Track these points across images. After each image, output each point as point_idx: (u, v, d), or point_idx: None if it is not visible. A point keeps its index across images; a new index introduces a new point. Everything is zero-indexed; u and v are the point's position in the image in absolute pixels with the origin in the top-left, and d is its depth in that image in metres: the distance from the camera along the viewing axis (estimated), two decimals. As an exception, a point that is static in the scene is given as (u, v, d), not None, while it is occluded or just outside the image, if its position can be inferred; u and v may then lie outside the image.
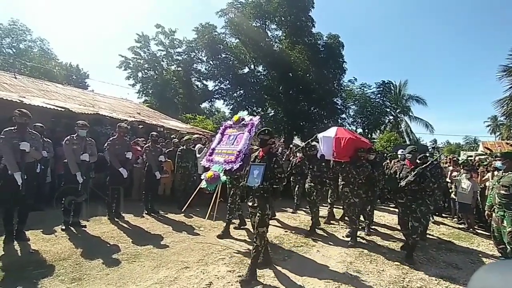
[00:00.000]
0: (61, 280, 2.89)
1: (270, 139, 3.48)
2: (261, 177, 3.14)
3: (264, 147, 3.45)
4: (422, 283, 3.43)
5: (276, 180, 3.23)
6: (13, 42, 29.80)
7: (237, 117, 4.88)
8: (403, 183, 4.08)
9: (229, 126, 5.07)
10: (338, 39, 20.64)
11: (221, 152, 4.69)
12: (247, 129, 4.44)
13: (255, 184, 3.17)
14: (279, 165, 3.32)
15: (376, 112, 20.21)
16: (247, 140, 4.30)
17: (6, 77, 10.46)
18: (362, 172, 4.70)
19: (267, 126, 20.18)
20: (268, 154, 3.40)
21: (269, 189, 3.21)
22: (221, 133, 5.11)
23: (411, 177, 4.00)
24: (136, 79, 24.18)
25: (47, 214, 4.86)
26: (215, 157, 4.67)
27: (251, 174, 3.28)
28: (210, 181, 4.24)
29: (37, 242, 3.87)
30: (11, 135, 3.78)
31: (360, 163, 4.76)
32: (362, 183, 4.77)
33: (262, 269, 3.35)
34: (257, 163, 3.35)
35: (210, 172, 4.28)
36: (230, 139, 4.76)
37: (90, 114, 7.66)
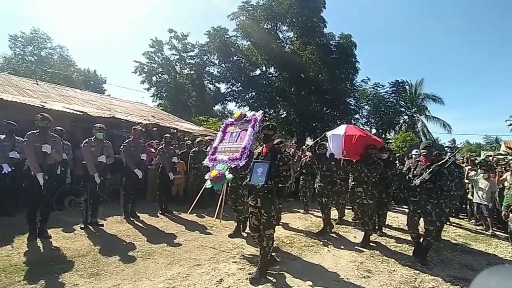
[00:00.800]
0: (80, 275, 3.04)
1: (274, 134, 3.33)
2: (266, 175, 2.99)
3: (268, 143, 3.31)
4: (435, 284, 3.39)
5: (281, 179, 3.09)
6: (35, 50, 31.15)
7: (239, 114, 4.77)
8: (417, 181, 3.84)
9: (230, 124, 4.95)
10: (350, 39, 20.47)
11: (225, 150, 4.56)
12: (250, 125, 4.29)
13: (259, 183, 3.01)
14: (285, 162, 3.16)
15: (390, 112, 19.85)
16: (252, 136, 4.16)
17: (29, 84, 10.99)
18: (374, 169, 4.47)
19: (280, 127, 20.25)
20: (272, 151, 3.26)
21: (274, 189, 3.07)
22: (222, 131, 4.99)
23: (426, 175, 3.75)
24: (150, 83, 24.76)
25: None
26: (219, 156, 4.53)
27: (254, 172, 3.13)
28: (215, 180, 4.09)
29: (58, 239, 4.07)
30: (34, 138, 4.00)
31: (372, 160, 4.56)
32: (376, 182, 4.58)
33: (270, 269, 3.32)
34: (261, 161, 3.21)
35: (215, 171, 4.14)
36: (233, 137, 4.63)
37: (107, 117, 7.94)
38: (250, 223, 3.32)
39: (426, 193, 3.82)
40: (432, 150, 4.10)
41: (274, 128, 3.36)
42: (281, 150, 3.47)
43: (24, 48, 30.68)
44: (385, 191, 5.18)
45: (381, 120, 20.06)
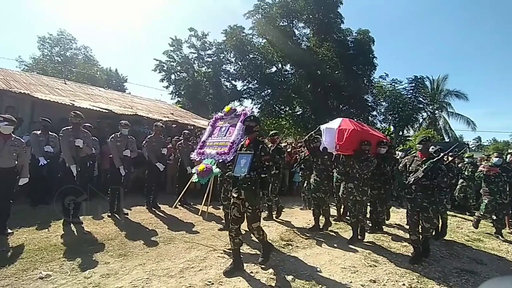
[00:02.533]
0: (110, 255, 3.41)
1: (256, 125, 3.33)
2: (248, 166, 2.98)
3: (250, 134, 3.32)
4: (440, 274, 3.49)
5: (264, 169, 3.11)
6: (61, 50, 32.70)
7: (229, 108, 4.72)
8: (411, 178, 3.67)
9: (220, 118, 4.91)
10: (368, 34, 20.19)
11: (213, 144, 4.54)
12: (240, 120, 4.23)
13: (241, 173, 3.00)
14: (266, 152, 3.17)
15: (408, 109, 19.44)
16: (240, 131, 4.11)
17: (58, 83, 11.72)
18: (366, 166, 4.33)
19: (295, 124, 20.41)
20: (254, 142, 3.25)
21: (257, 180, 3.06)
22: (211, 125, 4.97)
23: (420, 173, 3.57)
24: (169, 81, 25.43)
25: (94, 203, 5.52)
26: (207, 150, 4.52)
27: (237, 164, 3.13)
28: (202, 175, 4.05)
29: (89, 225, 4.50)
30: (68, 133, 4.43)
31: (365, 157, 4.40)
32: (368, 178, 4.46)
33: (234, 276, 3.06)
34: (244, 152, 3.22)
35: (202, 165, 4.11)
36: (222, 131, 4.60)
37: (130, 115, 8.41)
38: (231, 214, 3.24)
39: (422, 190, 3.66)
40: (429, 145, 3.91)
41: (256, 120, 3.40)
42: (263, 141, 3.47)
43: (51, 49, 32.26)
44: (384, 186, 5.02)
45: (399, 117, 19.69)
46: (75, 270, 3.00)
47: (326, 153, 4.75)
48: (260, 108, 21.75)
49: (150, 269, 3.08)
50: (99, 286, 2.69)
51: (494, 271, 3.75)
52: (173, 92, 25.46)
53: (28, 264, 3.04)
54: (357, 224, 4.52)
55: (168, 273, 3.02)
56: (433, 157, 3.70)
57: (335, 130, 4.57)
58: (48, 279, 2.77)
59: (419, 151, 3.91)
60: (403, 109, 19.43)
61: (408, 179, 3.70)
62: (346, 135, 4.42)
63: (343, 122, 4.71)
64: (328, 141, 4.62)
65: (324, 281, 3.06)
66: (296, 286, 2.89)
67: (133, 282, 2.78)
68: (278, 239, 4.35)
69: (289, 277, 3.05)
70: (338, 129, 4.55)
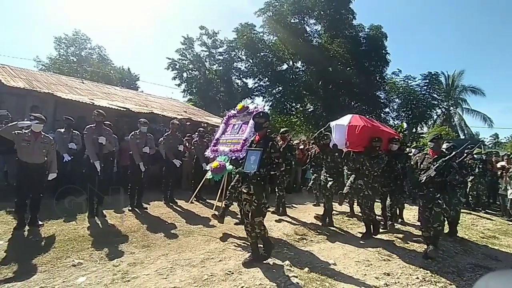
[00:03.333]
0: (134, 246, 3.62)
1: (266, 122, 3.32)
2: (258, 163, 3.03)
3: (260, 130, 3.33)
4: (455, 269, 3.55)
5: (273, 166, 3.12)
6: (76, 50, 33.51)
7: (241, 106, 4.78)
8: (423, 177, 3.67)
9: (232, 116, 4.95)
10: (381, 30, 19.87)
11: (226, 141, 4.61)
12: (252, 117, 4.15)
13: (251, 170, 3.06)
14: (276, 149, 3.17)
15: (422, 105, 19.10)
16: (253, 128, 4.08)
17: (76, 82, 12.12)
18: (376, 164, 4.30)
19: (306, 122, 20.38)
20: (264, 138, 3.26)
21: (266, 176, 3.11)
22: (224, 123, 5.03)
23: (432, 171, 3.58)
24: (181, 79, 25.76)
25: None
26: (220, 147, 4.58)
27: (247, 160, 3.18)
28: (216, 171, 4.12)
29: (111, 218, 4.73)
30: (92, 131, 4.66)
31: (375, 154, 4.37)
32: (377, 176, 4.42)
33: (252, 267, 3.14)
34: (254, 148, 3.24)
35: (216, 162, 4.19)
36: (234, 129, 4.66)
37: (146, 113, 8.66)
38: (244, 209, 3.33)
39: (435, 187, 3.65)
40: (441, 143, 3.87)
41: (265, 116, 3.39)
42: (273, 138, 3.46)
43: (67, 49, 33.09)
44: (394, 184, 4.96)
45: (412, 114, 19.39)
46: (103, 259, 3.20)
47: (336, 150, 4.76)
48: (271, 106, 21.78)
49: (172, 259, 3.26)
50: (127, 273, 2.88)
51: (509, 267, 3.78)
52: (185, 90, 25.76)
53: (61, 253, 3.27)
54: (369, 221, 4.52)
55: (190, 263, 3.19)
56: (445, 155, 3.70)
57: (345, 127, 4.52)
58: (80, 267, 2.98)
59: (430, 149, 3.88)
60: (417, 105, 19.12)
61: (420, 178, 3.70)
62: (356, 132, 4.39)
63: (353, 118, 4.66)
64: (338, 137, 4.60)
65: (339, 273, 3.17)
66: (312, 277, 3.01)
67: (158, 270, 2.97)
68: (293, 234, 4.48)
69: (305, 269, 3.17)
70: (348, 125, 4.50)
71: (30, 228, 3.99)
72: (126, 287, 2.63)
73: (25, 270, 2.85)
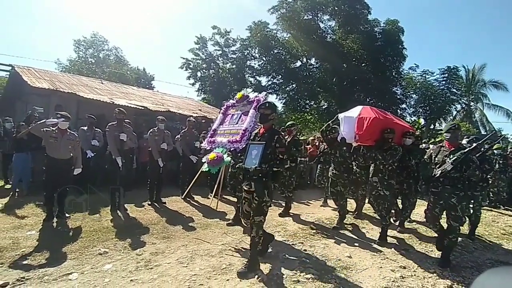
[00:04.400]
0: (155, 237, 3.78)
1: (272, 113, 3.07)
2: (260, 157, 2.78)
3: (265, 123, 3.07)
4: (473, 264, 3.52)
5: (277, 162, 2.89)
6: (94, 52, 34.59)
7: (241, 95, 4.48)
8: (438, 171, 3.26)
9: (231, 106, 4.71)
10: (397, 24, 19.46)
11: (224, 132, 4.37)
12: (252, 107, 3.99)
13: (252, 165, 2.80)
14: (282, 144, 2.91)
15: (440, 101, 18.58)
16: (253, 118, 3.89)
17: (95, 83, 12.55)
18: (390, 156, 3.93)
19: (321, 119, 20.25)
20: (269, 131, 3.01)
21: (269, 172, 2.85)
22: (222, 113, 4.78)
23: (449, 165, 3.16)
24: (195, 78, 26.12)
25: (135, 193, 5.99)
26: (218, 138, 4.34)
27: (249, 155, 2.93)
28: (212, 163, 3.83)
29: (132, 212, 4.94)
30: (113, 128, 4.87)
31: (388, 146, 4.01)
32: (393, 170, 4.07)
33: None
34: (256, 142, 2.99)
35: (213, 154, 3.89)
36: (233, 119, 4.41)
37: (163, 111, 8.88)
38: (242, 209, 3.09)
39: (450, 184, 3.23)
40: (458, 133, 3.42)
41: (272, 107, 3.12)
42: (279, 131, 3.19)
43: (86, 51, 34.22)
44: (407, 181, 4.57)
45: (430, 110, 18.89)
46: (127, 248, 3.38)
47: (344, 144, 4.42)
48: (285, 103, 21.80)
49: (192, 250, 3.39)
50: (150, 262, 3.03)
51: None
52: (199, 89, 26.12)
53: (88, 243, 3.47)
54: (384, 221, 4.10)
55: (209, 253, 3.31)
56: (463, 147, 3.32)
57: (354, 119, 4.20)
58: (106, 255, 3.16)
59: (446, 141, 3.46)
60: (435, 101, 18.61)
61: (434, 172, 3.30)
62: (366, 124, 4.06)
63: (363, 110, 4.35)
64: (346, 130, 4.30)
65: (354, 265, 3.21)
66: (327, 269, 3.07)
67: (179, 259, 3.11)
68: (308, 228, 4.52)
69: (320, 261, 3.23)
70: (358, 117, 4.18)
71: (58, 220, 4.23)
72: (149, 274, 2.77)
73: (56, 257, 3.05)
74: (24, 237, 3.56)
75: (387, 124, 4.20)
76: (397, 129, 4.30)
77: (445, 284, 2.91)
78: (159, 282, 2.60)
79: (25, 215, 4.41)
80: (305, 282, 2.72)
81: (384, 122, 4.23)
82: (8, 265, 2.83)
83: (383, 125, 4.13)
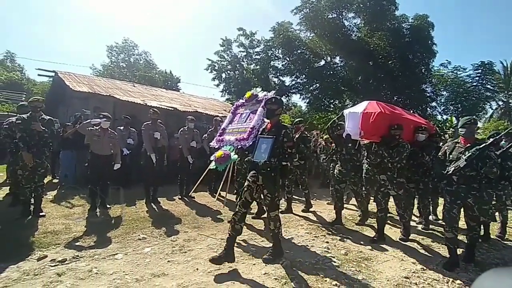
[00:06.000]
0: (187, 227, 4.12)
1: (278, 108, 3.11)
2: (269, 152, 2.80)
3: (272, 118, 3.11)
4: (500, 261, 3.49)
5: (285, 156, 2.92)
6: (126, 57, 36.51)
7: (250, 94, 4.47)
8: (451, 168, 3.04)
9: (241, 105, 4.73)
10: (427, 19, 18.76)
11: (233, 131, 4.40)
12: (261, 105, 4.02)
13: (261, 159, 2.82)
14: (290, 138, 2.93)
15: (473, 98, 17.62)
16: (261, 116, 3.91)
17: (128, 86, 13.38)
18: (397, 153, 3.71)
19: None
20: (276, 126, 3.04)
21: (277, 167, 2.88)
22: (232, 113, 4.82)
23: (462, 162, 2.93)
24: (220, 80, 26.76)
25: (165, 188, 6.39)
26: (226, 137, 4.39)
27: (258, 148, 2.95)
28: (219, 161, 3.88)
29: (165, 205, 5.33)
30: (148, 127, 5.29)
31: (395, 143, 3.78)
32: (403, 168, 3.86)
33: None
34: (265, 136, 3.01)
35: (220, 152, 3.96)
36: (242, 118, 4.44)
37: (191, 112, 9.34)
38: (242, 196, 2.99)
39: (466, 183, 3.01)
40: (473, 128, 3.19)
41: (278, 102, 3.13)
42: (286, 126, 3.16)
43: (118, 56, 36.22)
44: (423, 179, 4.31)
45: (462, 107, 17.99)
46: (162, 235, 3.72)
47: (349, 141, 4.24)
48: (309, 103, 21.74)
49: (220, 238, 3.66)
50: (183, 247, 3.34)
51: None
52: (224, 90, 26.71)
53: (128, 229, 3.86)
54: (384, 221, 3.97)
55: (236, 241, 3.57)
56: (479, 143, 3.07)
57: (359, 114, 3.97)
58: (145, 240, 3.52)
59: (462, 136, 3.22)
60: (467, 98, 17.69)
61: (448, 169, 3.09)
62: (371, 119, 3.83)
63: (369, 105, 4.12)
64: (351, 126, 4.11)
65: (377, 256, 3.32)
66: (348, 259, 3.21)
67: (209, 246, 3.40)
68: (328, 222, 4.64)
69: (341, 251, 3.38)
70: (363, 112, 3.94)
71: (100, 210, 4.69)
72: (183, 256, 3.08)
73: (103, 240, 3.46)
74: (74, 223, 4.03)
75: (394, 119, 3.95)
76: (407, 124, 4.13)
77: (467, 277, 2.95)
78: (193, 264, 2.89)
79: (72, 206, 4.93)
80: (326, 270, 2.89)
81: (391, 117, 3.98)
82: (63, 246, 3.26)
83: (389, 120, 3.89)
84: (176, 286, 2.46)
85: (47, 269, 2.68)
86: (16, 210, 4.23)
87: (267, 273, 2.74)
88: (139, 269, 2.76)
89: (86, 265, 2.79)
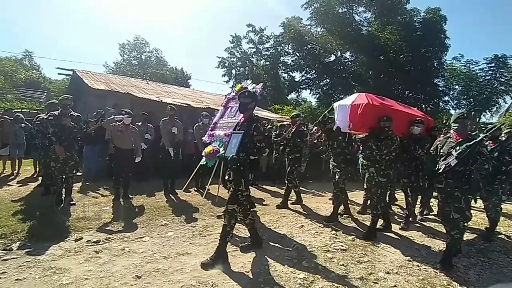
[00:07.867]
0: (204, 215, 4.44)
1: (251, 102, 3.01)
2: (238, 146, 2.74)
3: (245, 112, 3.03)
4: (502, 249, 3.66)
5: (254, 150, 2.82)
6: (137, 54, 37.11)
7: (240, 87, 4.38)
8: (441, 166, 2.94)
9: (232, 98, 4.63)
10: (439, 12, 18.53)
11: (223, 125, 4.38)
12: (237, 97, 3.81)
13: (230, 154, 2.76)
14: (260, 131, 2.86)
15: (486, 92, 17.36)
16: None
17: (142, 83, 13.79)
18: (385, 146, 3.64)
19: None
20: (248, 120, 2.97)
21: (246, 161, 2.81)
22: (223, 106, 4.73)
23: (453, 160, 2.83)
24: (230, 76, 27.08)
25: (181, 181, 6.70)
26: (216, 132, 4.35)
27: (229, 143, 2.90)
28: (209, 157, 3.88)
29: (182, 196, 5.66)
30: (166, 123, 5.62)
31: (384, 135, 3.71)
32: (391, 160, 3.75)
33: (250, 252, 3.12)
34: (237, 131, 2.97)
35: (209, 147, 3.93)
36: (232, 111, 4.39)
37: (204, 108, 9.66)
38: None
39: (454, 177, 2.92)
40: (466, 123, 3.06)
41: (251, 95, 3.05)
42: (258, 119, 3.09)
43: (129, 54, 36.85)
44: (415, 173, 4.21)
45: (474, 101, 17.74)
46: (182, 222, 4.05)
47: (339, 134, 4.19)
48: (319, 98, 21.83)
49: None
50: (203, 232, 3.65)
51: None
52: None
53: (151, 217, 4.20)
54: (377, 216, 3.84)
55: (251, 228, 3.86)
56: (471, 138, 2.94)
57: (347, 107, 3.92)
58: (167, 226, 3.85)
59: (454, 131, 3.11)
60: (479, 92, 17.46)
61: (438, 166, 3.01)
62: (359, 111, 3.76)
63: (358, 97, 4.06)
64: (340, 119, 4.08)
65: (381, 243, 3.55)
66: (356, 244, 3.46)
67: (226, 231, 3.69)
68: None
69: (349, 237, 3.62)
70: (351, 104, 3.89)
71: (123, 200, 5.05)
72: (204, 239, 3.40)
73: (130, 226, 3.80)
74: (102, 211, 4.40)
75: (383, 111, 3.86)
76: (401, 116, 4.08)
77: (469, 261, 3.15)
78: (212, 245, 3.18)
79: (98, 196, 5.31)
80: (334, 252, 3.15)
81: (380, 108, 3.88)
82: (95, 229, 3.62)
83: (378, 112, 3.81)
84: (199, 263, 2.77)
85: (85, 248, 3.03)
86: (49, 199, 4.62)
87: (279, 255, 3.02)
88: (165, 249, 3.08)
89: (118, 245, 3.13)
